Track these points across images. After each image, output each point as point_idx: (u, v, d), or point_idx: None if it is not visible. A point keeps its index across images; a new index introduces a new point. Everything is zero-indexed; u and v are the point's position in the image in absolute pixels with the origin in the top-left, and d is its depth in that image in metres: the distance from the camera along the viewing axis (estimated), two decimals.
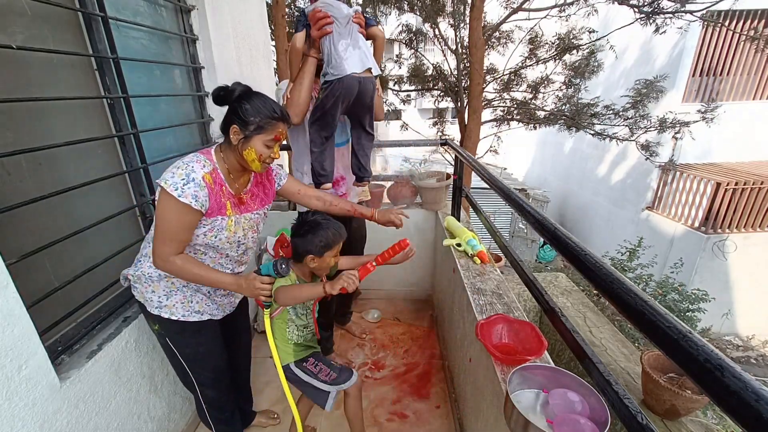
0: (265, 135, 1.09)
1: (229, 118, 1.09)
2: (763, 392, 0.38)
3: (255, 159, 1.10)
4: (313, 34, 1.37)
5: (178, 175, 1.02)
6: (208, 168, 1.08)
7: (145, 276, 1.18)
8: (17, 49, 1.04)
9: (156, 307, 1.20)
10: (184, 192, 1.01)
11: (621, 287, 0.59)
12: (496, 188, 1.26)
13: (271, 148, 1.12)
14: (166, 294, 1.20)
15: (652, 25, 4.62)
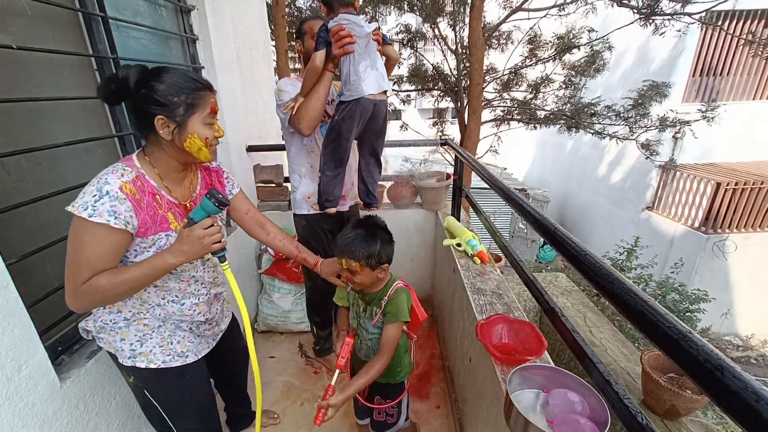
0: (201, 112, 0.89)
1: (144, 111, 0.86)
2: (763, 392, 0.38)
3: (202, 146, 0.91)
4: (334, 52, 1.33)
5: (89, 194, 0.82)
6: (128, 177, 0.87)
7: (110, 324, 0.98)
8: (17, 49, 1.04)
9: (129, 357, 1.00)
10: (97, 210, 0.80)
11: (621, 287, 0.59)
12: (496, 188, 1.26)
13: (212, 125, 0.93)
14: (138, 339, 1.00)
15: (651, 27, 4.62)
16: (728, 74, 6.48)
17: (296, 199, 1.76)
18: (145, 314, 1.01)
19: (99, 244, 0.83)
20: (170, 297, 1.03)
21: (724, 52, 6.36)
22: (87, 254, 0.83)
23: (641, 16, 4.62)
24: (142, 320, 1.01)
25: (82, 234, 0.82)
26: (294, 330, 2.38)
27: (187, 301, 1.06)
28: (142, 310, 1.00)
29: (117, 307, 0.99)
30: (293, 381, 2.04)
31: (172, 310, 1.04)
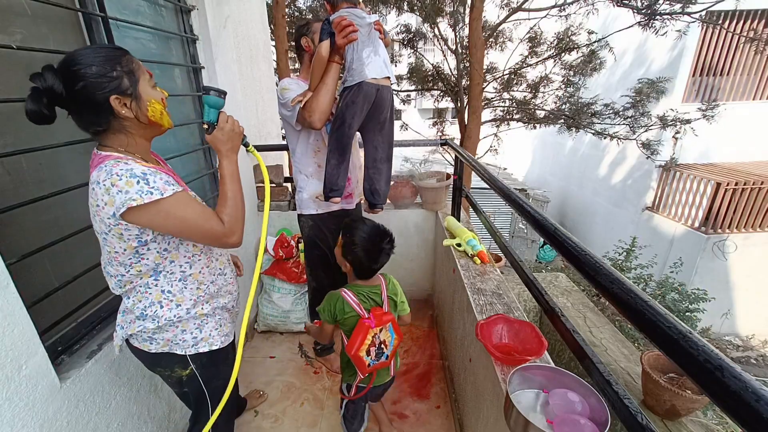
0: (142, 75, 0.87)
1: (93, 102, 0.81)
2: (763, 392, 0.38)
3: (162, 110, 0.90)
4: (338, 42, 1.36)
5: (128, 184, 0.80)
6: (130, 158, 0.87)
7: (169, 321, 0.99)
8: (17, 49, 1.04)
9: (192, 345, 1.06)
10: (155, 185, 0.82)
11: (621, 287, 0.59)
12: (496, 188, 1.26)
13: (156, 88, 0.91)
14: (198, 327, 1.06)
15: (652, 28, 4.62)
16: (728, 74, 6.48)
17: (303, 198, 1.74)
18: (202, 298, 1.05)
19: (190, 204, 0.88)
20: (216, 271, 1.10)
21: (724, 51, 6.36)
22: (195, 217, 0.88)
23: (642, 17, 4.61)
24: (200, 308, 1.05)
25: (172, 210, 0.85)
26: (294, 330, 2.38)
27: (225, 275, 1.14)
28: (199, 293, 1.04)
29: (176, 302, 1.00)
30: (293, 381, 2.04)
31: (221, 283, 1.11)
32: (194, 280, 1.02)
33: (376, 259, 1.24)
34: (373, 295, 1.31)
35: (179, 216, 0.86)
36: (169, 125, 0.95)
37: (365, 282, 1.32)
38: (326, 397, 1.94)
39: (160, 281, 0.97)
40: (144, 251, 0.91)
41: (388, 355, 1.31)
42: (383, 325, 1.25)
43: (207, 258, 1.05)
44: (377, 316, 1.23)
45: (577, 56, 5.66)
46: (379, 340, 1.26)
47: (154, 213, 0.83)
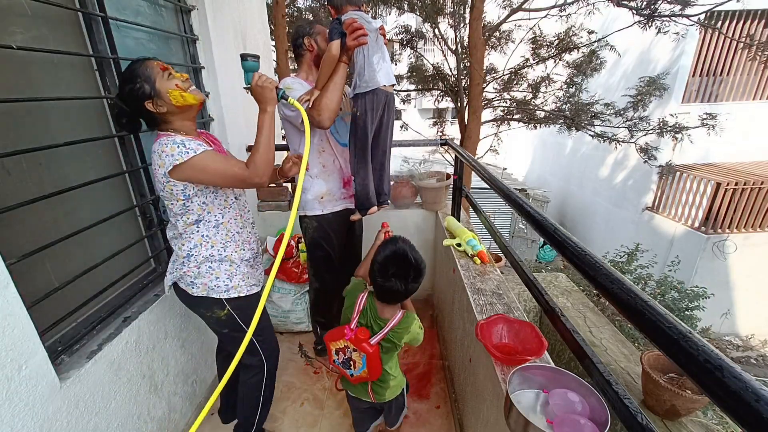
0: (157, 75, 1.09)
1: (141, 110, 1.10)
2: (763, 392, 0.38)
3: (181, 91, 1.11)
4: (349, 44, 1.37)
5: (172, 149, 1.06)
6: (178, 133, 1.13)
7: (206, 265, 1.24)
8: (17, 49, 1.04)
9: (224, 290, 1.28)
10: (191, 147, 1.06)
11: (621, 287, 0.59)
12: (496, 188, 1.26)
13: (173, 76, 1.12)
14: (228, 276, 1.27)
15: (652, 29, 4.62)
16: (728, 74, 6.48)
17: (307, 199, 1.73)
18: (230, 243, 1.27)
19: (220, 160, 1.11)
20: (241, 222, 1.31)
21: (723, 52, 6.36)
22: (225, 169, 1.11)
23: (641, 17, 4.61)
24: (230, 256, 1.27)
25: (206, 165, 1.09)
26: (294, 330, 2.38)
27: (246, 229, 1.34)
28: (227, 238, 1.26)
29: (211, 243, 1.24)
30: (293, 381, 2.04)
31: (246, 235, 1.33)
32: (224, 227, 1.25)
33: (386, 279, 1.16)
34: (373, 322, 1.25)
35: (209, 167, 1.10)
36: (195, 100, 1.14)
37: (381, 305, 1.25)
38: (326, 397, 1.94)
39: (201, 228, 1.22)
40: (189, 204, 1.17)
41: (354, 374, 1.28)
42: (358, 349, 1.22)
43: (236, 211, 1.29)
44: (357, 337, 1.21)
45: (577, 56, 5.66)
46: (349, 354, 1.25)
47: (190, 167, 1.07)
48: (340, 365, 1.30)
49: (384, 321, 1.23)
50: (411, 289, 1.18)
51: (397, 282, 1.15)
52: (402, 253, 1.16)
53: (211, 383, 1.92)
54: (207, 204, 1.20)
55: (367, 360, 1.22)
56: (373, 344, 1.21)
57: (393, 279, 1.15)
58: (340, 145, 1.72)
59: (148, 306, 1.45)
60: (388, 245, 1.19)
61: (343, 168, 1.75)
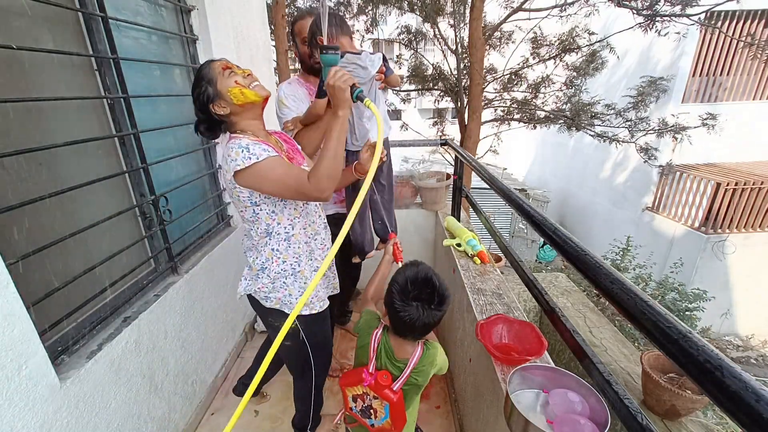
0: (218, 77, 1.08)
1: (210, 114, 1.10)
2: (763, 392, 0.38)
3: (242, 88, 1.07)
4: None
5: (237, 154, 1.02)
6: (244, 136, 1.09)
7: (281, 280, 1.21)
8: (17, 49, 1.04)
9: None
10: (256, 153, 1.02)
11: (621, 287, 0.59)
12: (496, 188, 1.26)
13: (235, 73, 1.09)
14: (300, 292, 1.23)
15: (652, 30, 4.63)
16: (728, 74, 6.48)
17: None
18: (302, 260, 1.22)
19: (281, 169, 1.05)
20: (311, 233, 1.26)
21: (724, 52, 6.36)
22: (287, 177, 1.05)
23: (642, 17, 4.62)
24: (303, 272, 1.23)
25: (267, 172, 1.04)
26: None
27: (318, 237, 1.29)
28: (299, 251, 1.21)
29: (282, 258, 1.20)
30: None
31: (314, 246, 1.27)
32: (296, 240, 1.21)
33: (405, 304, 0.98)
34: (389, 363, 1.08)
35: (269, 175, 1.04)
36: (257, 96, 1.09)
37: (396, 340, 1.08)
38: (326, 398, 1.94)
39: (271, 242, 1.18)
40: (258, 211, 1.13)
41: (375, 425, 1.13)
42: (380, 397, 1.06)
43: (304, 221, 1.23)
44: (378, 383, 1.05)
45: (578, 57, 5.66)
46: (369, 402, 1.10)
47: (251, 174, 1.03)
48: (359, 414, 1.14)
49: (402, 362, 1.06)
50: (433, 317, 1.00)
51: (419, 308, 0.98)
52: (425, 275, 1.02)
53: (211, 383, 1.92)
54: (276, 213, 1.16)
55: (391, 409, 1.06)
56: (396, 390, 1.04)
57: (414, 303, 0.98)
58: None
59: (148, 306, 1.45)
60: (409, 267, 1.05)
61: None
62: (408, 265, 1.08)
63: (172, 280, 1.64)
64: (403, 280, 1.01)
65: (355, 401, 1.13)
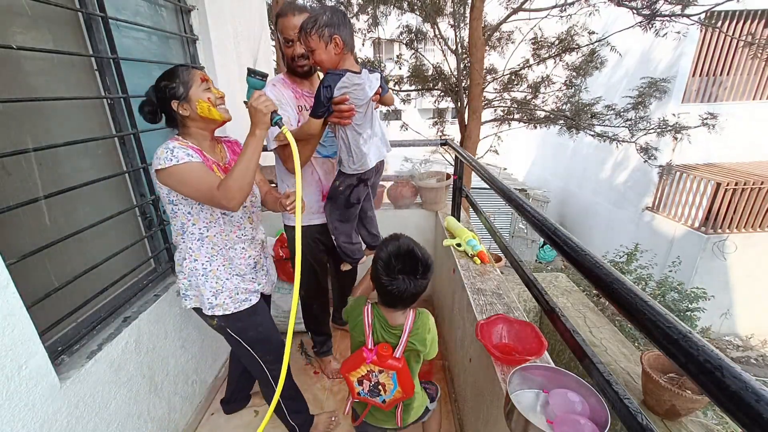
0: (195, 83, 1.12)
1: (166, 107, 1.13)
2: (763, 392, 0.38)
3: (210, 105, 1.13)
4: (332, 120, 1.28)
5: (163, 155, 1.07)
6: (180, 141, 1.13)
7: (194, 273, 1.24)
8: (17, 49, 1.04)
9: (209, 308, 1.26)
10: (178, 156, 1.06)
11: (621, 287, 0.59)
12: (496, 188, 1.26)
13: (210, 89, 1.15)
14: (213, 294, 1.25)
15: (652, 29, 4.63)
16: (728, 74, 6.48)
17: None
18: (216, 260, 1.25)
19: (197, 173, 1.09)
20: (229, 241, 1.27)
21: (724, 52, 6.36)
22: (200, 184, 1.08)
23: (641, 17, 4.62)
24: (215, 271, 1.25)
25: (183, 175, 1.07)
26: (294, 330, 2.38)
27: (238, 246, 1.30)
28: (213, 252, 1.24)
29: (194, 256, 1.23)
30: None
31: (232, 255, 1.28)
32: (210, 241, 1.23)
33: (392, 279, 1.02)
34: (386, 333, 1.11)
35: (185, 178, 1.08)
36: (221, 117, 1.16)
37: (387, 311, 1.11)
38: (326, 398, 1.94)
39: (186, 240, 1.22)
40: (175, 209, 1.17)
41: (386, 400, 1.14)
42: (385, 369, 1.08)
43: (222, 228, 1.25)
44: (380, 356, 1.06)
45: (578, 57, 5.65)
46: (375, 379, 1.11)
47: (168, 175, 1.08)
48: (368, 395, 1.13)
49: (397, 329, 1.10)
50: (420, 287, 1.05)
51: (405, 280, 1.02)
52: (407, 248, 1.05)
53: (211, 383, 1.92)
54: (192, 215, 1.19)
55: (398, 377, 1.08)
56: (399, 358, 1.08)
57: (400, 277, 1.02)
58: (320, 156, 1.61)
59: (148, 306, 1.45)
60: (390, 242, 1.07)
61: (321, 180, 1.64)
62: (388, 239, 1.09)
63: (172, 280, 1.64)
64: (386, 255, 1.04)
65: (361, 384, 1.14)
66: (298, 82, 1.55)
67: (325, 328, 2.06)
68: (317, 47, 1.20)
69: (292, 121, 1.48)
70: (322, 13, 1.19)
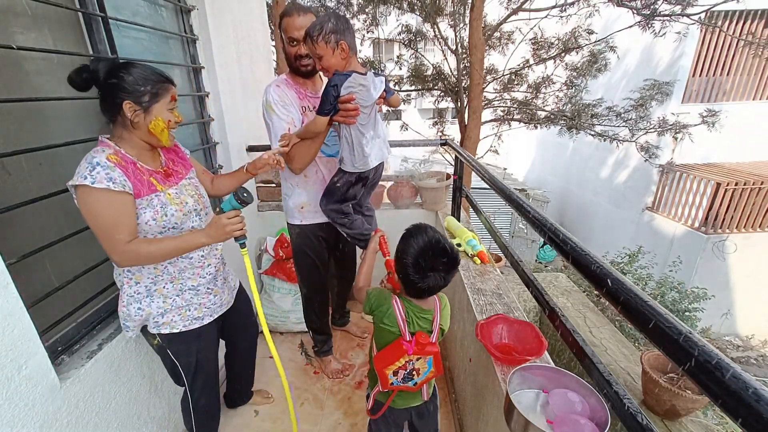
0: (164, 99, 1.04)
1: (112, 97, 0.99)
2: (763, 392, 0.38)
3: (164, 128, 1.05)
4: (336, 119, 1.30)
5: (82, 168, 0.94)
6: (109, 150, 1.00)
7: (134, 306, 1.15)
8: (17, 49, 1.04)
9: (154, 327, 1.20)
10: (96, 177, 0.93)
11: (621, 287, 0.59)
12: (496, 188, 1.26)
13: (173, 112, 1.07)
14: (160, 314, 1.18)
15: (652, 29, 4.63)
16: (728, 74, 6.48)
17: (288, 206, 1.71)
18: (161, 278, 1.15)
19: (110, 206, 0.96)
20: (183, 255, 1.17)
21: (724, 52, 6.36)
22: (107, 220, 0.96)
23: (641, 17, 4.62)
24: (161, 290, 1.16)
25: (92, 203, 0.95)
26: (294, 330, 2.38)
27: (195, 254, 1.20)
28: (157, 273, 1.14)
29: (135, 279, 1.13)
30: (293, 381, 2.04)
31: (183, 265, 1.18)
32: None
33: (423, 276, 1.00)
34: (421, 320, 1.09)
35: (92, 212, 0.96)
36: (166, 142, 1.09)
37: (417, 301, 1.10)
38: (326, 397, 1.94)
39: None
40: None
41: (417, 382, 1.13)
42: (423, 356, 1.07)
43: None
44: (420, 344, 1.05)
45: (580, 58, 5.65)
46: (411, 367, 1.09)
47: (81, 197, 0.95)
48: (401, 383, 1.12)
49: (429, 312, 1.10)
50: (449, 279, 1.03)
51: (436, 276, 0.99)
52: (437, 242, 1.00)
53: None
54: None
55: (434, 360, 1.10)
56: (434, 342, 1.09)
57: (431, 274, 0.99)
58: (325, 155, 1.63)
59: None
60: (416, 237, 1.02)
61: (326, 179, 1.64)
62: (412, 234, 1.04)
63: None
64: (416, 253, 1.00)
65: (396, 374, 1.10)
66: (301, 83, 1.56)
67: (326, 327, 2.06)
68: (325, 53, 1.24)
69: (296, 122, 1.50)
70: (326, 20, 1.22)
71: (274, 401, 1.89)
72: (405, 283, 1.06)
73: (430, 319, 1.09)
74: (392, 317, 1.07)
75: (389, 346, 1.08)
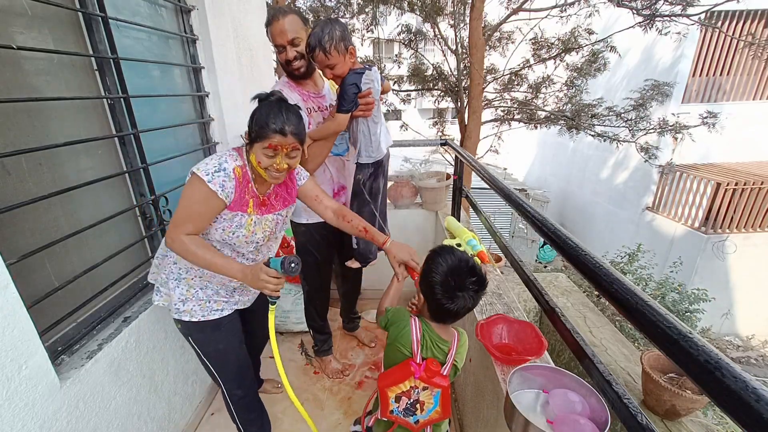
0: (261, 143, 1.07)
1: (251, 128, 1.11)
2: (763, 393, 0.38)
3: (257, 165, 1.11)
4: (356, 114, 1.36)
5: (211, 164, 1.08)
6: (239, 162, 1.13)
7: (170, 275, 1.24)
8: (17, 49, 1.04)
9: (175, 312, 1.25)
10: (214, 179, 1.06)
11: (621, 287, 0.59)
12: (496, 188, 1.26)
13: (272, 158, 1.08)
14: (182, 301, 1.24)
15: (652, 30, 4.63)
16: (728, 74, 6.48)
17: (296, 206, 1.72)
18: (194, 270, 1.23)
19: (204, 204, 1.08)
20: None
21: (724, 52, 6.36)
22: (195, 208, 1.08)
23: (641, 17, 4.62)
24: (189, 279, 1.24)
25: (197, 192, 1.07)
26: (294, 330, 2.38)
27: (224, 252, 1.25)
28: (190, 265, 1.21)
29: (175, 259, 1.22)
30: (293, 381, 2.04)
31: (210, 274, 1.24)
32: None
33: (452, 296, 0.97)
34: (436, 349, 1.04)
35: (192, 197, 1.08)
36: (266, 179, 1.13)
37: (437, 326, 1.06)
38: (326, 397, 1.94)
39: None
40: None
41: (419, 420, 1.06)
42: (430, 387, 1.02)
43: (221, 248, 1.21)
44: (428, 371, 1.00)
45: (578, 58, 5.65)
46: (416, 397, 1.03)
47: (190, 182, 1.08)
48: (401, 414, 1.05)
49: (446, 343, 1.05)
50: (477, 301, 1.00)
51: (465, 297, 0.97)
52: (465, 262, 0.99)
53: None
54: None
55: (441, 396, 1.03)
56: (446, 375, 1.02)
57: (459, 294, 0.97)
58: (332, 155, 1.62)
59: (148, 306, 1.45)
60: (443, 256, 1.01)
61: (333, 178, 1.68)
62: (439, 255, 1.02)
63: None
64: (444, 270, 0.98)
65: (398, 401, 1.04)
66: (302, 84, 1.57)
67: (326, 326, 2.06)
68: (338, 61, 1.30)
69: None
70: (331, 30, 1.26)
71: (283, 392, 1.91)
72: (430, 303, 1.03)
73: (446, 350, 1.05)
74: (407, 336, 1.04)
75: (397, 366, 1.04)
